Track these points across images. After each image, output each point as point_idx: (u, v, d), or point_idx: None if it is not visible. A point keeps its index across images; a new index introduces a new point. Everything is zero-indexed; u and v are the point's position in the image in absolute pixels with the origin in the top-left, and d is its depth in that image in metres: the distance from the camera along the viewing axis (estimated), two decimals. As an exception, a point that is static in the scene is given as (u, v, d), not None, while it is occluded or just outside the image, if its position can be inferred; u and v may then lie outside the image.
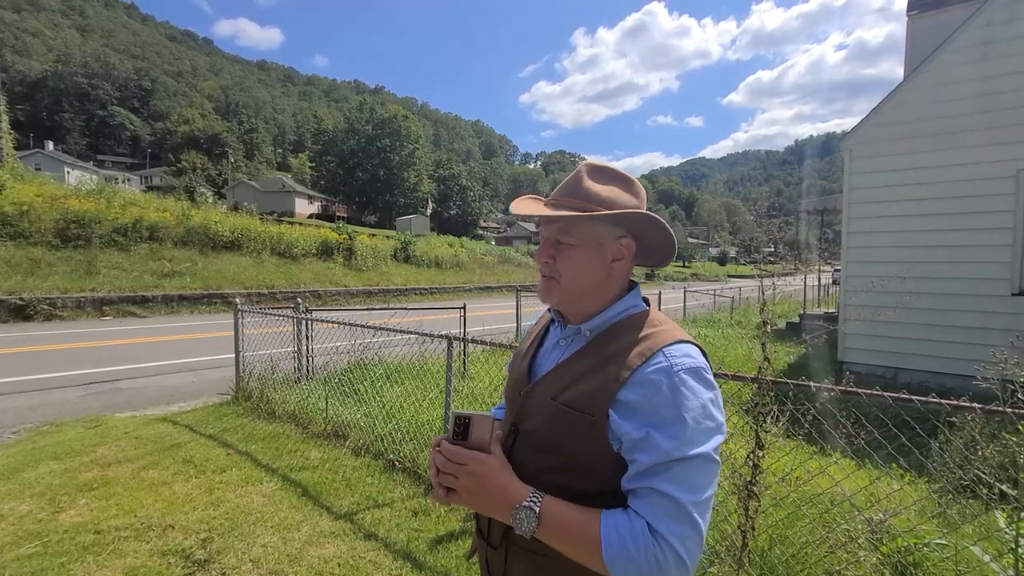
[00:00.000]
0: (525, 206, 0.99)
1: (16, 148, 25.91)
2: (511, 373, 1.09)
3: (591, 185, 0.93)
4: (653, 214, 0.92)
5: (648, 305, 0.99)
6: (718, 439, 0.82)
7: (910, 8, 8.99)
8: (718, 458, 0.82)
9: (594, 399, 0.85)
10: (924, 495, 2.72)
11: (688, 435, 0.79)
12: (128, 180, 59.14)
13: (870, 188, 7.11)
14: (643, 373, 0.84)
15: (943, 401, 1.81)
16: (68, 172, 43.43)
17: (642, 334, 0.90)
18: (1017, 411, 1.71)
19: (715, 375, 2.46)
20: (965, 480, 2.35)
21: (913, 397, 1.87)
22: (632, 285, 0.99)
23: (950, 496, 2.48)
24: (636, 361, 0.85)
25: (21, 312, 11.16)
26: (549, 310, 1.07)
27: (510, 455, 0.92)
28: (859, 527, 2.38)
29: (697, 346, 0.90)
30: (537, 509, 0.80)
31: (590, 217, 0.90)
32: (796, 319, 12.49)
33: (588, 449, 0.85)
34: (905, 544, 2.28)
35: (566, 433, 0.87)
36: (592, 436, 0.85)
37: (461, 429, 0.87)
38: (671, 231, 0.95)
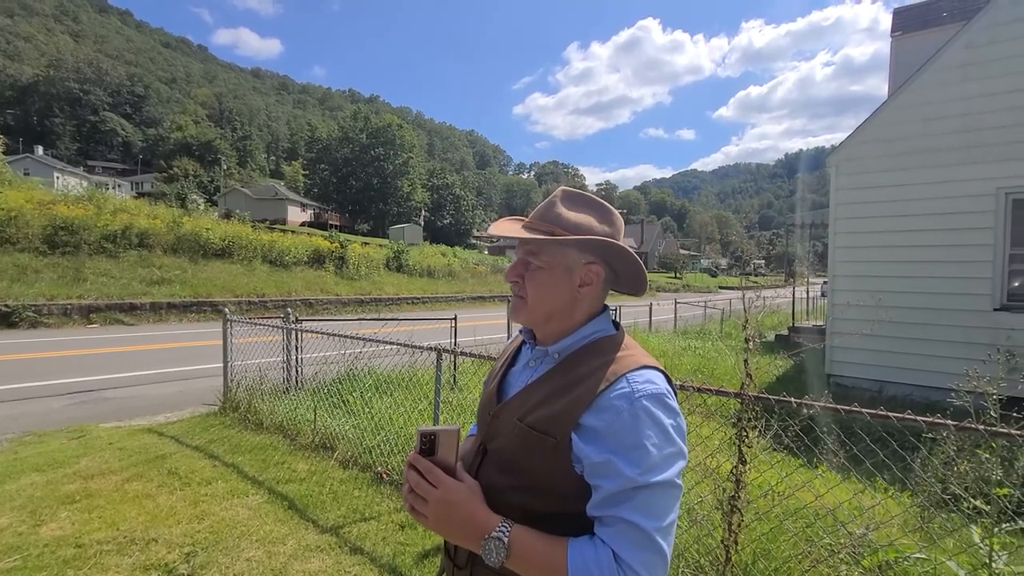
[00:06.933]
0: (503, 227, 1.00)
1: (5, 153, 25.63)
2: (483, 392, 1.11)
3: (562, 211, 0.96)
4: (619, 243, 0.94)
5: (618, 329, 1.00)
6: (680, 464, 0.83)
7: (894, 29, 9.22)
8: (680, 483, 0.83)
9: (557, 422, 0.86)
10: (905, 509, 2.76)
11: (650, 462, 0.79)
12: (119, 186, 58.72)
13: (856, 204, 7.24)
14: (606, 398, 0.85)
15: (918, 418, 1.85)
16: (58, 177, 43.12)
17: (607, 359, 0.91)
18: (990, 429, 1.75)
19: (699, 390, 2.48)
20: (947, 495, 2.39)
21: (890, 414, 1.91)
22: (603, 310, 1.00)
23: (930, 510, 2.52)
24: (600, 386, 0.86)
25: (6, 319, 11.02)
26: (521, 330, 1.08)
27: (477, 474, 0.94)
28: (841, 541, 2.41)
29: (662, 372, 0.91)
30: (506, 540, 0.81)
31: (556, 241, 0.92)
32: (785, 331, 12.62)
33: (550, 471, 0.86)
34: (886, 559, 2.31)
35: (529, 454, 0.88)
36: (554, 458, 0.86)
37: (427, 445, 0.88)
38: (639, 260, 0.97)
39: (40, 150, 59.97)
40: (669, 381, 0.91)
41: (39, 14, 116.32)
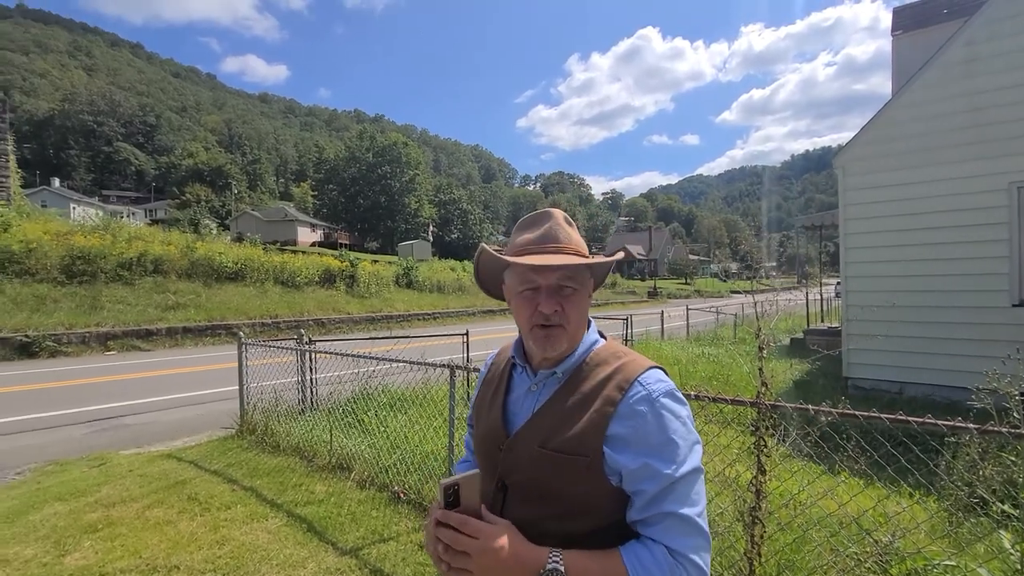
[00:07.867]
0: (535, 259, 0.93)
1: (23, 186, 26.35)
2: (479, 425, 1.06)
3: (572, 233, 1.00)
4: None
5: (605, 338, 1.04)
6: (699, 449, 0.90)
7: (894, 28, 9.21)
8: (702, 466, 0.89)
9: (584, 439, 0.88)
10: (932, 515, 2.70)
11: (681, 454, 0.85)
12: (133, 214, 59.86)
13: (865, 204, 7.19)
14: (626, 405, 0.88)
15: (939, 422, 1.82)
16: (74, 208, 44.06)
17: (614, 367, 0.94)
18: (1013, 431, 1.72)
19: (714, 400, 2.46)
20: (973, 499, 2.34)
21: (910, 418, 1.88)
22: (589, 321, 1.05)
23: (957, 515, 2.47)
24: (616, 395, 0.89)
25: (26, 349, 11.22)
26: (513, 355, 1.05)
27: (502, 511, 0.91)
28: (867, 550, 2.36)
29: (662, 369, 0.96)
30: (563, 568, 0.80)
31: (600, 263, 0.99)
32: (800, 335, 12.48)
33: (586, 490, 0.88)
34: (914, 567, 2.26)
35: (561, 478, 0.88)
36: (587, 476, 0.87)
37: (452, 497, 0.82)
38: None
39: (56, 182, 61.45)
40: (667, 375, 0.96)
41: (54, 51, 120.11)
